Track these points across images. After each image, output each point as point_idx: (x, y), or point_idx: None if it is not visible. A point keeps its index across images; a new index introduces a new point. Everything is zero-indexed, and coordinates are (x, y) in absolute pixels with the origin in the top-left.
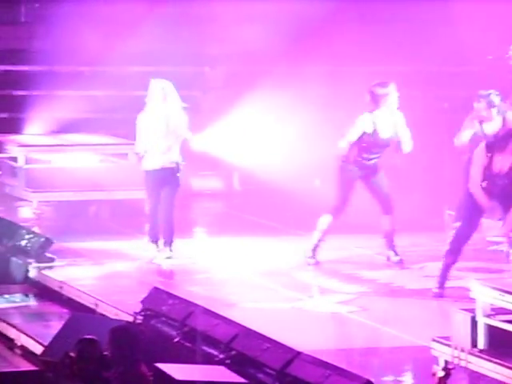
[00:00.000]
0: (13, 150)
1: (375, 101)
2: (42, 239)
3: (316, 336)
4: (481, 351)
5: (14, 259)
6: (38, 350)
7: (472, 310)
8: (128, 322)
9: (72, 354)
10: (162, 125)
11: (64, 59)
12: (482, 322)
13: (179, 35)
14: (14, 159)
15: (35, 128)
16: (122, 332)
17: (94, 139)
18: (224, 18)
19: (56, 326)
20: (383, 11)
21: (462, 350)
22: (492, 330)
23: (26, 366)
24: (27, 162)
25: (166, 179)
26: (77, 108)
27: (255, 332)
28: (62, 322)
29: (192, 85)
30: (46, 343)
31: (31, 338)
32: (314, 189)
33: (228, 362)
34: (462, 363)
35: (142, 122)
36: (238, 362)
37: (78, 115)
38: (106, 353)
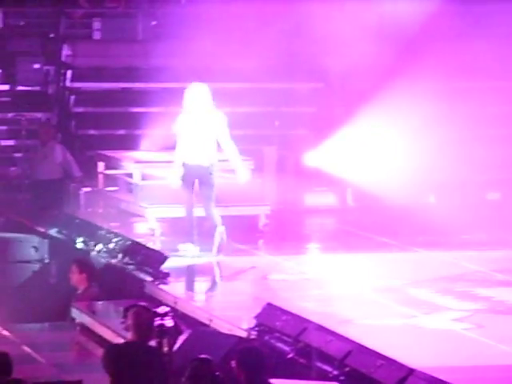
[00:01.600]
0: (129, 167)
1: None
2: (158, 255)
3: (430, 353)
4: None
5: (129, 274)
6: None
7: None
8: (241, 337)
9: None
10: (199, 126)
11: (180, 76)
12: None
13: (293, 52)
14: (130, 175)
15: (151, 144)
16: (251, 353)
17: None
18: (339, 34)
19: None
20: (498, 26)
21: None
22: None
23: None
24: (143, 178)
25: (201, 177)
26: None
27: (369, 349)
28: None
29: (306, 101)
30: None
31: None
32: (428, 205)
33: (342, 378)
34: None
35: (182, 124)
36: (352, 379)
37: None
38: (217, 373)
